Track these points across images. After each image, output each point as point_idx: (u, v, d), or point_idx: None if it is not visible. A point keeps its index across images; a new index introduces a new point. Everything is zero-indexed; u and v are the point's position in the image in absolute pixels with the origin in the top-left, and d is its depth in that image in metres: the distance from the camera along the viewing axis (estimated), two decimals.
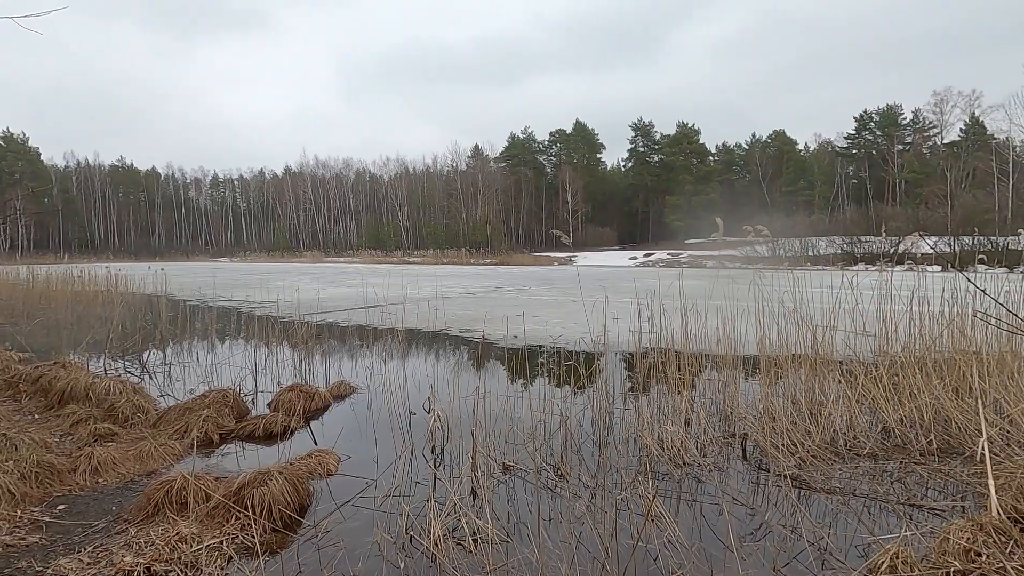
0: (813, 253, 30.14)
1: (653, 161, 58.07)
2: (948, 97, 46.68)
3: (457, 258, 44.76)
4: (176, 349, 6.79)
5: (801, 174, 51.86)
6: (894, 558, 1.93)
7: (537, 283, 17.62)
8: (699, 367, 4.36)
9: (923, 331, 4.21)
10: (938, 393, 3.56)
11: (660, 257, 39.34)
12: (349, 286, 16.32)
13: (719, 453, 3.28)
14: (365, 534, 2.37)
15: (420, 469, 3.08)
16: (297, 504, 2.53)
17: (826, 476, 2.94)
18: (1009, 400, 3.40)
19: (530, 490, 2.81)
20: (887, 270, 4.76)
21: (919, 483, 2.86)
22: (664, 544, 2.24)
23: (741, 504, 2.65)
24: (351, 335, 7.68)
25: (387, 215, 63.38)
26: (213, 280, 19.39)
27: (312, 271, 27.58)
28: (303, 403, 4.09)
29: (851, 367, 3.97)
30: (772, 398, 3.61)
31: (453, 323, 8.33)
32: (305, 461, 2.99)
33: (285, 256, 56.19)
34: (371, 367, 5.65)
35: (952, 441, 3.31)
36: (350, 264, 41.03)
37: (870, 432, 3.44)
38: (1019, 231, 5.16)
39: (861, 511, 2.57)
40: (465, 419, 3.63)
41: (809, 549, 2.22)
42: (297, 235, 67.31)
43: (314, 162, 70.25)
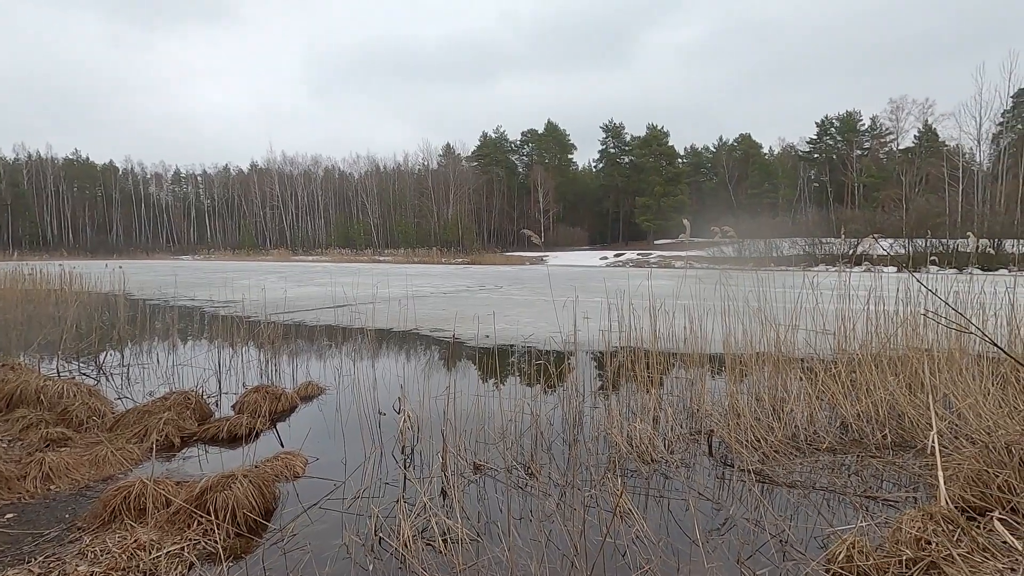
0: (777, 254, 30.99)
1: (623, 162, 58.81)
2: (903, 105, 48.64)
3: (428, 257, 44.47)
4: (135, 350, 6.56)
5: (766, 177, 53.31)
6: (850, 548, 2.01)
7: (509, 283, 17.64)
8: (667, 365, 4.44)
9: (879, 330, 4.38)
10: (892, 389, 3.71)
11: (630, 257, 39.85)
12: (317, 285, 16.04)
13: (686, 450, 3.34)
14: (333, 536, 2.34)
15: (390, 470, 3.05)
16: (262, 508, 2.48)
17: (788, 470, 3.03)
18: (957, 395, 3.56)
19: (500, 489, 2.81)
20: (846, 271, 4.93)
21: (875, 476, 2.97)
22: (632, 540, 2.27)
23: (707, 499, 2.71)
24: (319, 335, 7.55)
25: (357, 213, 62.50)
26: (175, 279, 18.79)
27: (279, 270, 27.01)
28: (269, 404, 4.00)
29: (812, 365, 4.11)
30: (737, 395, 3.70)
31: (424, 323, 8.27)
32: (271, 464, 2.92)
33: (251, 254, 54.85)
34: (340, 367, 5.57)
35: (905, 435, 3.45)
36: (319, 263, 40.31)
37: (829, 427, 3.56)
38: (968, 234, 5.41)
39: (821, 503, 2.66)
40: (436, 419, 3.61)
41: (771, 541, 2.29)
42: (264, 233, 65.78)
43: (281, 158, 68.76)
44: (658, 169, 54.19)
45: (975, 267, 6.21)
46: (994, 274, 5.42)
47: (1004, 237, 26.75)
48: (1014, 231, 27.58)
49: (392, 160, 68.93)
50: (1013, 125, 40.85)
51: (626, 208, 56.27)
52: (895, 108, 48.92)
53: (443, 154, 63.36)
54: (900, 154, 47.86)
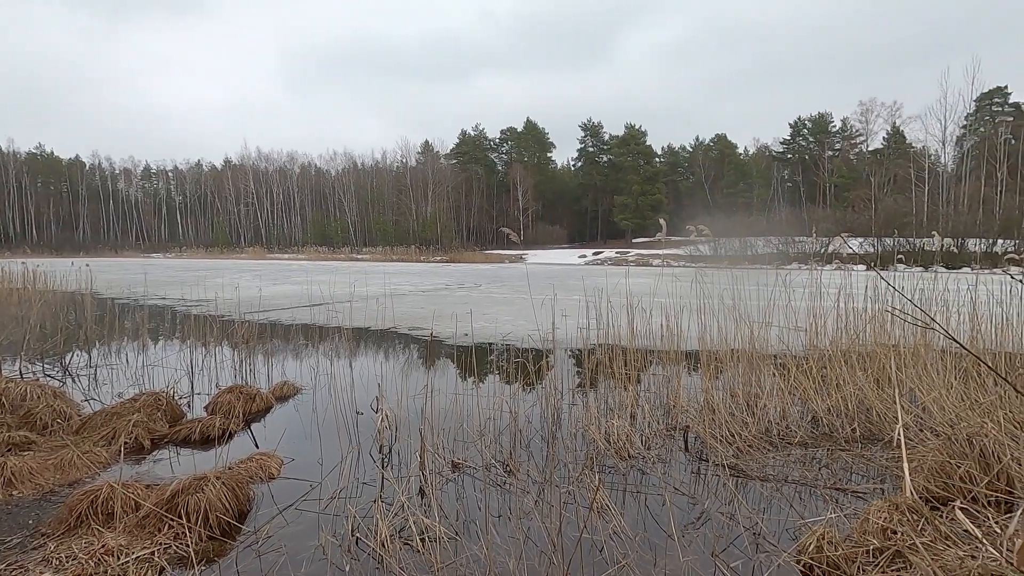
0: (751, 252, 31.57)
1: (602, 161, 59.17)
2: (872, 107, 49.96)
3: (407, 255, 44.15)
4: (103, 351, 6.38)
5: (741, 177, 54.19)
6: (820, 539, 2.06)
7: (488, 281, 17.62)
8: (645, 363, 4.49)
9: (848, 326, 4.49)
10: (861, 384, 3.82)
11: (609, 255, 40.16)
12: (293, 283, 15.80)
13: (663, 445, 3.38)
14: (309, 538, 2.31)
15: (367, 470, 3.02)
16: (236, 510, 2.44)
17: (761, 464, 3.09)
18: (922, 389, 3.68)
19: (479, 487, 2.81)
20: (817, 269, 5.05)
21: (844, 468, 3.05)
22: (610, 535, 2.29)
23: (683, 494, 2.75)
24: (295, 334, 7.44)
25: (334, 211, 61.69)
26: (144, 277, 18.31)
27: (254, 268, 26.53)
28: (243, 405, 3.93)
29: (785, 361, 4.20)
30: (712, 391, 3.76)
31: (402, 321, 8.22)
32: (245, 465, 2.88)
33: (225, 252, 53.76)
34: (316, 367, 5.50)
35: (873, 428, 3.55)
36: (295, 261, 39.70)
37: (801, 422, 3.65)
38: (933, 233, 5.58)
39: (793, 496, 2.72)
40: (414, 418, 3.59)
41: (745, 534, 2.33)
42: (238, 230, 64.47)
43: (256, 154, 67.40)
44: (636, 168, 54.67)
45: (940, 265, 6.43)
46: (958, 272, 5.61)
47: (967, 236, 27.69)
48: (976, 230, 28.56)
49: (370, 157, 68.37)
50: (976, 128, 42.26)
51: (605, 207, 56.64)
52: (864, 110, 50.27)
53: (422, 151, 62.93)
54: (869, 155, 49.14)
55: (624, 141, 56.31)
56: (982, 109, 42.57)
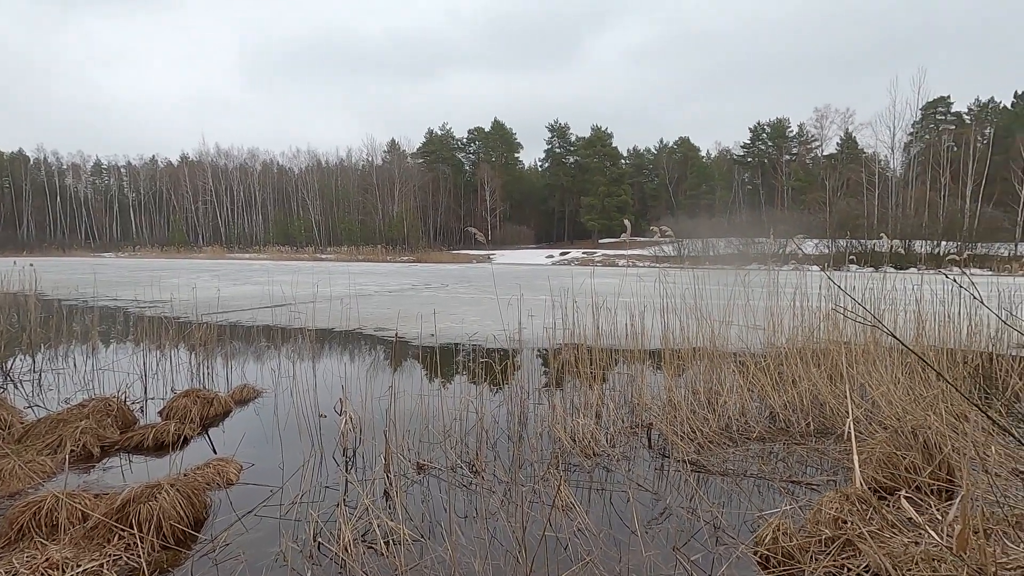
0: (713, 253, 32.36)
1: (569, 162, 59.64)
2: (827, 114, 51.80)
3: (373, 255, 43.54)
4: (48, 355, 6.07)
5: (703, 179, 55.48)
6: (776, 530, 2.13)
7: (455, 281, 17.54)
8: (610, 361, 4.55)
9: (803, 325, 4.66)
10: (815, 380, 3.96)
11: (576, 256, 40.51)
12: (254, 284, 15.38)
13: (627, 443, 3.44)
14: (269, 544, 2.25)
15: (330, 473, 2.97)
16: (192, 518, 2.36)
17: (721, 459, 3.17)
18: (872, 385, 3.85)
19: (444, 488, 2.80)
20: (775, 269, 5.22)
21: (799, 461, 3.16)
22: (574, 533, 2.32)
23: (646, 490, 2.80)
24: (256, 336, 7.25)
25: (297, 209, 60.30)
26: (94, 277, 17.52)
27: (213, 268, 25.70)
28: (200, 409, 3.80)
29: (744, 358, 4.32)
30: (675, 389, 3.84)
31: (367, 322, 8.10)
32: (202, 471, 2.78)
33: (182, 252, 51.93)
34: (278, 369, 5.37)
35: (827, 422, 3.69)
36: (256, 261, 38.66)
37: (759, 417, 3.76)
38: (881, 235, 5.84)
39: (751, 490, 2.80)
40: (379, 420, 3.55)
41: (705, 528, 2.39)
42: (196, 229, 62.31)
43: (215, 151, 65.15)
44: (602, 169, 55.31)
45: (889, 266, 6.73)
46: (905, 272, 5.88)
47: (914, 238, 29.08)
48: (922, 233, 30.04)
49: (335, 155, 67.14)
50: (922, 135, 44.40)
51: (571, 207, 57.11)
52: (820, 116, 52.09)
53: (388, 150, 62.16)
54: (824, 160, 50.99)
55: (590, 143, 56.91)
56: (927, 117, 44.74)
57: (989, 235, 30.53)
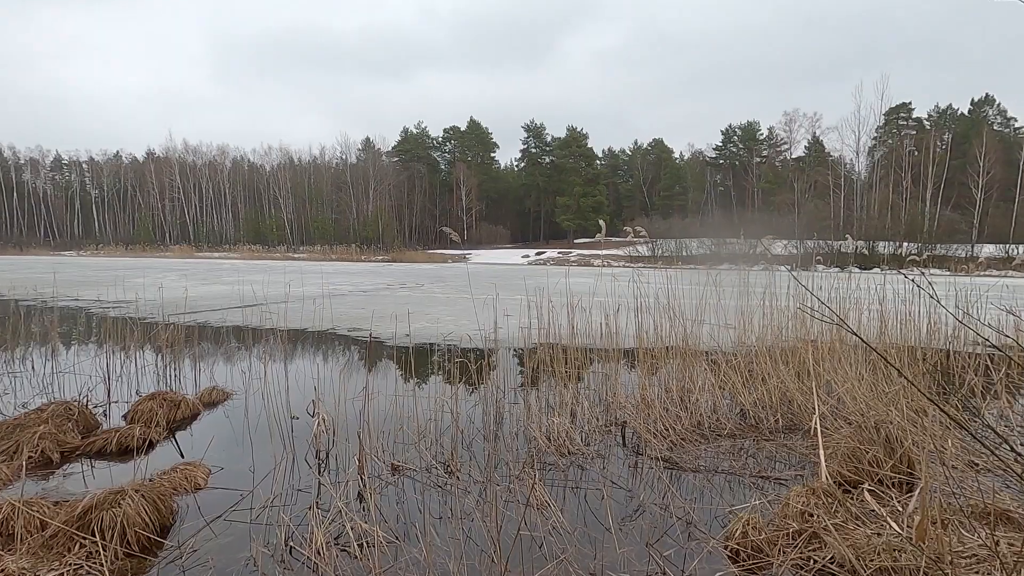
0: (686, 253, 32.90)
1: (545, 162, 59.86)
2: (795, 117, 53.14)
3: (347, 254, 43.00)
4: (4, 357, 5.83)
5: (677, 180, 56.33)
6: (746, 525, 2.17)
7: (430, 280, 17.45)
8: (585, 361, 4.58)
9: (772, 323, 4.77)
10: (784, 377, 4.06)
11: (551, 256, 40.69)
12: (224, 283, 15.04)
13: (601, 441, 3.47)
14: (239, 549, 2.21)
15: (302, 476, 2.92)
16: (158, 524, 2.29)
17: (694, 456, 3.23)
18: (837, 381, 3.96)
19: (419, 489, 2.78)
20: (745, 269, 5.33)
21: (769, 457, 3.24)
22: (549, 531, 2.33)
23: (620, 487, 2.83)
24: (226, 337, 7.09)
25: (269, 208, 59.12)
26: (54, 276, 16.89)
27: (181, 267, 25.04)
28: (167, 412, 3.70)
29: (715, 356, 4.40)
30: (648, 387, 3.89)
31: (341, 322, 8.00)
32: (168, 476, 2.71)
33: (148, 250, 50.41)
34: (248, 371, 5.26)
35: (795, 419, 3.79)
36: (226, 260, 37.80)
37: (730, 414, 3.84)
38: (846, 236, 6.02)
39: (722, 486, 2.85)
40: (352, 421, 3.50)
41: (678, 524, 2.43)
42: (163, 227, 60.54)
43: (183, 147, 63.38)
44: (578, 170, 55.68)
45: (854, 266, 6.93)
46: (869, 272, 6.07)
47: (877, 239, 30.05)
48: (885, 234, 31.06)
49: (307, 153, 66.06)
50: (885, 140, 45.90)
51: (547, 207, 57.34)
52: (788, 120, 53.40)
53: (362, 148, 61.44)
54: (793, 162, 52.28)
55: (566, 143, 57.23)
56: (890, 123, 46.25)
57: (947, 237, 31.77)
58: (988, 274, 20.28)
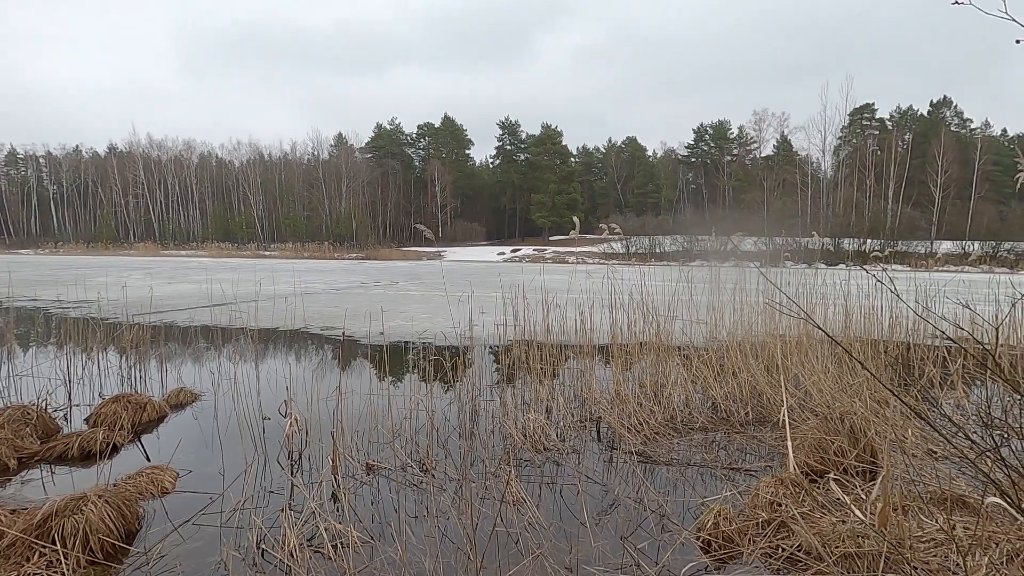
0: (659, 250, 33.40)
1: (520, 160, 59.86)
2: (764, 117, 54.25)
3: (319, 252, 42.32)
4: None
5: (650, 178, 57.01)
6: (717, 516, 2.22)
7: (405, 278, 17.31)
8: (560, 357, 4.61)
9: (743, 319, 4.87)
10: (754, 371, 4.15)
11: (526, 253, 40.77)
12: (192, 282, 14.65)
13: (576, 436, 3.50)
14: (209, 553, 2.16)
15: (275, 478, 2.87)
16: (124, 530, 2.23)
17: (667, 450, 3.28)
18: (805, 374, 4.07)
19: (395, 488, 2.76)
20: (717, 266, 5.43)
21: (739, 449, 3.31)
22: (525, 527, 2.34)
23: (595, 482, 2.86)
24: (194, 337, 6.91)
25: (238, 204, 57.75)
26: (9, 276, 16.20)
27: (145, 266, 24.29)
28: (131, 415, 3.59)
29: (688, 352, 4.48)
30: (622, 382, 3.93)
31: (314, 321, 7.87)
32: (134, 480, 2.64)
33: (111, 248, 48.74)
34: (218, 371, 5.13)
35: (764, 411, 3.88)
36: (194, 258, 36.84)
37: (702, 408, 3.91)
38: (813, 233, 6.19)
39: (695, 478, 2.91)
40: (326, 421, 3.46)
41: (651, 516, 2.46)
42: (126, 225, 58.61)
43: (147, 141, 61.38)
44: (552, 167, 55.83)
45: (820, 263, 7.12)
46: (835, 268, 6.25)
47: (842, 236, 30.96)
48: (850, 231, 32.02)
49: (278, 149, 64.55)
50: (849, 139, 47.23)
51: (522, 204, 57.39)
52: (758, 120, 54.52)
53: (335, 144, 60.50)
54: (762, 161, 53.39)
55: (541, 140, 57.31)
56: (854, 123, 47.60)
57: (908, 234, 32.95)
58: (946, 269, 21.09)
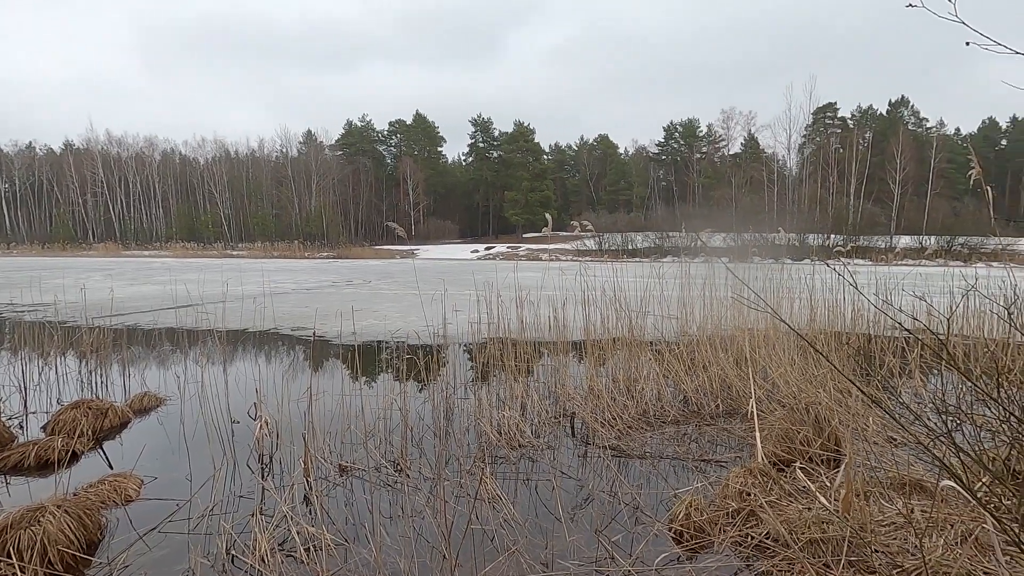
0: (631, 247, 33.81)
1: (492, 157, 59.80)
2: (732, 115, 55.40)
3: (289, 251, 41.50)
4: None
5: (621, 175, 57.65)
6: (688, 507, 2.26)
7: (377, 277, 17.12)
8: (534, 354, 4.62)
9: (712, 313, 4.97)
10: (723, 364, 4.24)
11: (500, 250, 40.77)
12: (155, 283, 14.21)
13: (551, 433, 3.52)
14: (176, 562, 2.10)
15: (244, 482, 2.81)
16: (85, 541, 2.15)
17: (640, 443, 3.33)
18: (772, 366, 4.17)
19: (369, 489, 2.73)
20: (687, 261, 5.52)
21: (710, 441, 3.38)
22: (500, 524, 2.34)
23: (570, 477, 2.88)
24: (158, 340, 6.71)
25: (204, 203, 56.23)
26: None
27: (106, 267, 23.46)
28: (92, 422, 3.47)
29: (659, 346, 4.54)
30: (596, 378, 3.97)
31: (284, 321, 7.73)
32: (95, 489, 2.55)
33: (69, 249, 46.89)
34: (184, 375, 5.00)
35: (733, 403, 3.97)
36: (158, 258, 35.73)
37: (674, 401, 3.98)
38: (779, 229, 6.35)
39: (667, 471, 2.96)
40: (297, 423, 3.40)
41: (625, 509, 2.50)
42: (85, 224, 56.46)
43: (106, 138, 59.18)
44: (525, 165, 55.93)
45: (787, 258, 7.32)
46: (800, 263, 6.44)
47: (807, 232, 31.86)
48: (815, 227, 32.96)
49: (245, 146, 63.04)
50: (813, 138, 48.58)
51: (496, 202, 57.35)
52: (726, 118, 55.63)
53: (304, 141, 59.35)
54: (730, 159, 54.53)
55: (513, 138, 57.35)
56: (818, 121, 48.97)
57: (869, 229, 34.09)
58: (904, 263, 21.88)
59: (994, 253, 23.95)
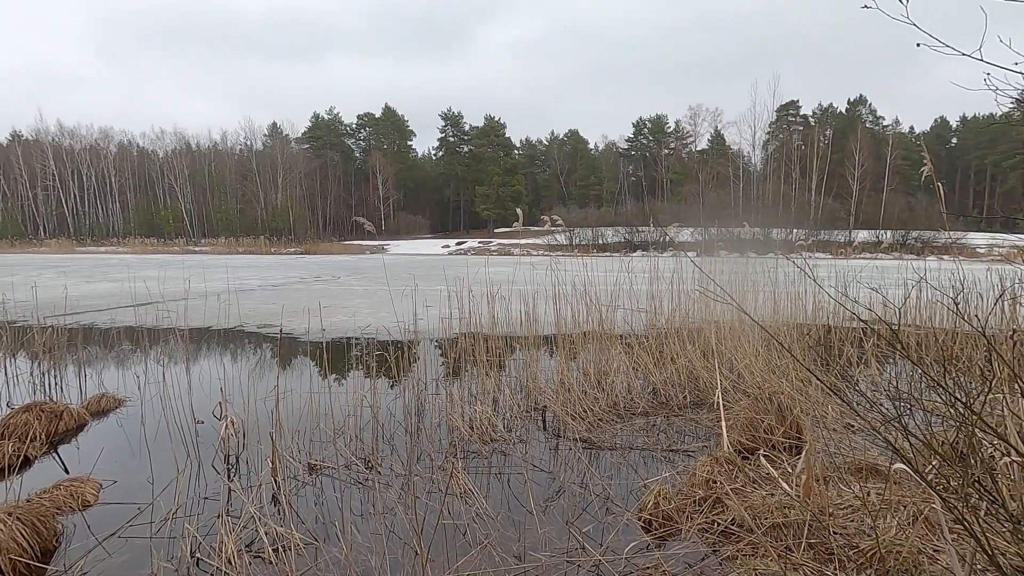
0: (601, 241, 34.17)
1: (463, 151, 59.49)
2: (699, 112, 56.35)
3: (255, 247, 40.58)
4: None
5: (592, 170, 58.10)
6: (657, 496, 2.31)
7: (347, 273, 16.87)
8: (506, 349, 4.64)
9: (680, 306, 5.07)
10: (691, 356, 4.33)
11: (472, 245, 40.67)
12: (112, 281, 13.69)
13: (523, 426, 3.54)
14: (138, 567, 2.04)
15: (210, 484, 2.74)
16: (39, 548, 2.07)
17: (610, 435, 3.38)
18: (737, 358, 4.28)
19: (339, 487, 2.70)
20: (655, 256, 5.61)
21: (678, 431, 3.45)
22: (473, 518, 2.35)
23: (542, 470, 2.90)
24: (116, 339, 6.47)
25: (164, 197, 54.34)
26: None
27: (59, 264, 22.47)
28: (45, 425, 3.33)
29: (629, 340, 4.61)
30: (567, 371, 4.01)
31: (249, 319, 7.55)
32: (50, 495, 2.45)
33: (17, 245, 44.75)
34: (144, 375, 4.83)
35: (701, 394, 4.06)
36: (115, 254, 34.43)
37: (643, 393, 4.05)
38: (743, 223, 6.51)
39: (637, 462, 3.01)
40: (264, 422, 3.33)
41: (596, 500, 2.53)
42: (35, 219, 53.91)
43: (57, 129, 56.58)
44: (496, 159, 55.84)
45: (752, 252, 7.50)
46: (764, 257, 6.61)
47: (771, 227, 32.73)
48: (778, 222, 33.90)
49: (207, 138, 61.20)
50: (777, 134, 49.86)
51: (467, 197, 57.11)
52: (693, 114, 56.55)
53: (269, 134, 57.90)
54: (698, 154, 55.50)
55: (484, 132, 57.16)
56: (781, 119, 50.24)
57: (830, 224, 35.23)
58: (862, 257, 22.73)
59: (945, 247, 25.09)
